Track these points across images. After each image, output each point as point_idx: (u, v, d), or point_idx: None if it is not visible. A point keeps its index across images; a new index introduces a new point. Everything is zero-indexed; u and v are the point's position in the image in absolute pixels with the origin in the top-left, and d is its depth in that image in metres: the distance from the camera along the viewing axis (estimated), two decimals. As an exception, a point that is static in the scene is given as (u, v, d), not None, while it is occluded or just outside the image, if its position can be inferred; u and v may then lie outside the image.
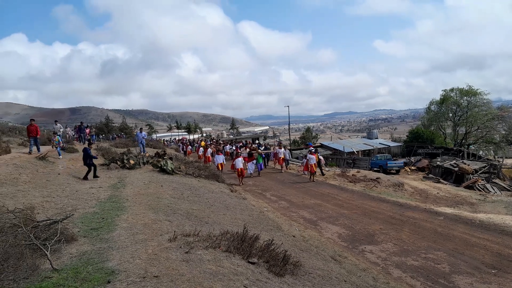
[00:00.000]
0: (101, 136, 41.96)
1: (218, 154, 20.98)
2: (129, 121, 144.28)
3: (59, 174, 12.41)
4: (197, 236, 5.67)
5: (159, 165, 14.60)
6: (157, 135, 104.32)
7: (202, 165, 19.17)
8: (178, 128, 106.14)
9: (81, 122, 27.41)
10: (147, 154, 17.82)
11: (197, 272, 4.29)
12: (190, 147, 36.68)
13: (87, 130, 27.35)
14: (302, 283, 5.04)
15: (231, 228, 7.00)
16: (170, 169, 14.33)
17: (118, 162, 15.12)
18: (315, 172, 18.84)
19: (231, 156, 27.22)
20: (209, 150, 26.03)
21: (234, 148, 30.53)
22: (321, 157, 22.76)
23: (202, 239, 5.58)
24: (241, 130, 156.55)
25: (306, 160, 20.07)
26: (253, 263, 5.09)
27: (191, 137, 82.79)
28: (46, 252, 4.68)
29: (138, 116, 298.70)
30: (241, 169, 17.44)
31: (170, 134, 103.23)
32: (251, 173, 20.19)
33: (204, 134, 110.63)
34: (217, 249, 5.27)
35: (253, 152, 21.67)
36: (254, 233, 6.15)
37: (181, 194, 10.57)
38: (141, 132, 21.42)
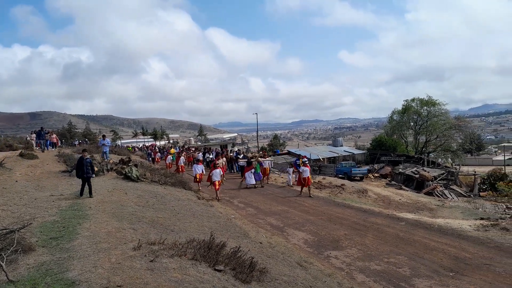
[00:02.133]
0: (60, 142, 39.92)
1: (198, 164, 18.14)
2: (93, 127, 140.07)
3: (16, 181, 11.87)
4: (162, 244, 5.58)
5: (124, 172, 14.26)
6: (122, 141, 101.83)
7: (168, 172, 18.84)
8: (144, 134, 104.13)
9: (41, 127, 26.23)
10: (111, 161, 17.37)
11: (162, 280, 4.22)
12: (159, 154, 35.29)
13: (47, 135, 25.99)
14: (269, 289, 5.06)
15: (198, 235, 6.93)
16: (135, 176, 14.02)
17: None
18: (310, 185, 17.06)
19: (207, 165, 25.42)
20: (182, 159, 24.22)
21: (211, 156, 28.22)
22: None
23: (167, 247, 5.50)
24: (209, 136, 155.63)
25: (292, 171, 19.63)
26: (219, 271, 5.06)
27: (158, 143, 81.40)
28: (1, 263, 4.46)
29: (102, 121, 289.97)
30: (218, 182, 15.29)
31: (135, 140, 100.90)
32: (251, 184, 18.55)
33: (171, 141, 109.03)
34: (183, 257, 5.20)
35: (252, 160, 19.69)
36: (221, 241, 6.13)
37: (146, 201, 10.37)
38: (104, 139, 20.71)
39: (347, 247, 8.90)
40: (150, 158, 34.54)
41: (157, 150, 39.22)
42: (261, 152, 29.81)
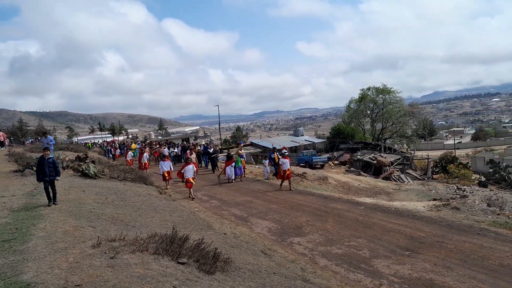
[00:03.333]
0: (10, 140, 37.50)
1: (164, 160, 17.07)
2: (46, 124, 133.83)
3: (-38, 183, 11.15)
4: (123, 241, 5.46)
5: (81, 169, 13.75)
6: (79, 138, 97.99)
7: (128, 168, 18.33)
8: (101, 130, 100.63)
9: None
10: (67, 158, 16.68)
11: (124, 276, 4.14)
12: (119, 150, 33.78)
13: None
14: (232, 278, 5.10)
15: (160, 230, 6.84)
16: (92, 173, 13.56)
17: (34, 168, 13.94)
18: (291, 178, 16.00)
19: (175, 161, 24.92)
20: (146, 155, 22.06)
21: (176, 151, 27.38)
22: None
23: (128, 243, 5.39)
24: (170, 130, 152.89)
25: (267, 163, 18.98)
26: (183, 264, 5.03)
27: (117, 139, 78.99)
28: None
29: (56, 118, 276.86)
30: (192, 178, 14.05)
31: (92, 136, 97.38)
32: (232, 179, 17.68)
33: (130, 136, 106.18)
34: (144, 252, 5.12)
35: (232, 154, 18.68)
36: (184, 234, 6.09)
37: (105, 198, 10.07)
38: (46, 137, 19.53)
39: (309, 233, 9.11)
40: (110, 155, 33.36)
41: (117, 146, 37.71)
42: (241, 144, 29.07)
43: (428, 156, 41.44)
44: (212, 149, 24.20)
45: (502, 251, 7.21)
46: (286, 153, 16.76)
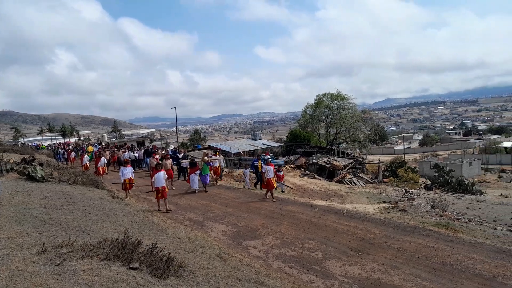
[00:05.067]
0: None
1: (126, 166, 14.84)
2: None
3: None
4: (71, 247, 5.25)
5: (27, 172, 13.01)
6: (26, 139, 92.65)
7: (78, 171, 17.59)
8: (50, 131, 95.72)
9: None
10: (11, 161, 15.73)
11: (71, 284, 3.98)
12: (73, 153, 31.73)
13: None
14: (186, 283, 5.05)
15: (112, 235, 6.62)
16: (40, 176, 12.88)
17: (-27, 171, 13.05)
18: (275, 188, 14.79)
19: (135, 167, 23.13)
20: (103, 160, 20.13)
21: (135, 155, 25.30)
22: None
23: (77, 249, 5.18)
24: (124, 132, 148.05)
25: (248, 172, 17.86)
26: (134, 269, 4.92)
27: (70, 140, 75.41)
28: None
29: (0, 118, 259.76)
30: (162, 187, 12.36)
31: (41, 138, 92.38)
32: (196, 189, 15.78)
33: (83, 138, 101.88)
34: (94, 258, 4.95)
35: (197, 160, 16.79)
36: (136, 239, 5.94)
37: (53, 203, 9.60)
38: None
39: (265, 236, 9.22)
40: (62, 158, 31.51)
41: (72, 149, 35.50)
42: (206, 151, 28.14)
43: (379, 160, 43.15)
44: (182, 154, 23.07)
45: (444, 250, 7.69)
46: (270, 160, 15.34)
